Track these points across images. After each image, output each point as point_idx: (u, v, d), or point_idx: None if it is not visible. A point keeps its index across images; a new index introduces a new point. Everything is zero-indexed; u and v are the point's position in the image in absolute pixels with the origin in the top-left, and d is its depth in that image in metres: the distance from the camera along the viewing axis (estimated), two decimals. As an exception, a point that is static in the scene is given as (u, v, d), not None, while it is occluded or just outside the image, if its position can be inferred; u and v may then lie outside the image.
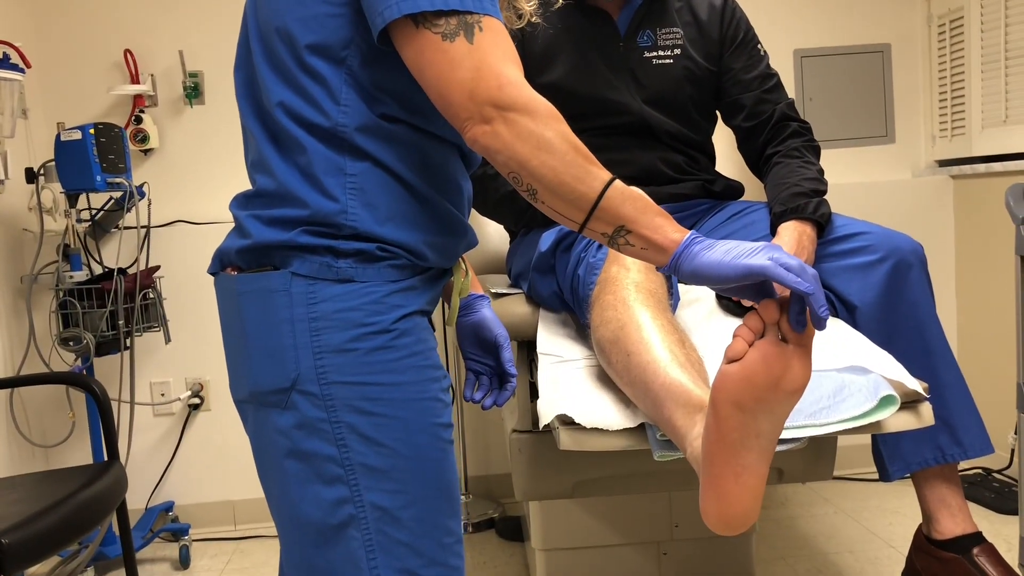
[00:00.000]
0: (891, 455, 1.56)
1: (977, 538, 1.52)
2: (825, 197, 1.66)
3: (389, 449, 1.00)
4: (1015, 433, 1.97)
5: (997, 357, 2.71)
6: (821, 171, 1.72)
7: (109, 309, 2.41)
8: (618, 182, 0.95)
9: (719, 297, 1.56)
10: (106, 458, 1.99)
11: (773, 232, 1.60)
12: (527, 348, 1.64)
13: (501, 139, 0.94)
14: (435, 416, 1.04)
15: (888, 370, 1.28)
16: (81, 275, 2.49)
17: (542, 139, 0.94)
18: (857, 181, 2.94)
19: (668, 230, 0.95)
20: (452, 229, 1.09)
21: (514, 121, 0.94)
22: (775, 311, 0.93)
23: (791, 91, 2.91)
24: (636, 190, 0.97)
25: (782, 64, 2.90)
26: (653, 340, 1.22)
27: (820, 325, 0.91)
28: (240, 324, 1.04)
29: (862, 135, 2.98)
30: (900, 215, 2.86)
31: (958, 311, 2.96)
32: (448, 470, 1.05)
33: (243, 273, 1.04)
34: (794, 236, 1.55)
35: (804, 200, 1.59)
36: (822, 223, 1.59)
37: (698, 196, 1.81)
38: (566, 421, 1.25)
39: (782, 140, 1.78)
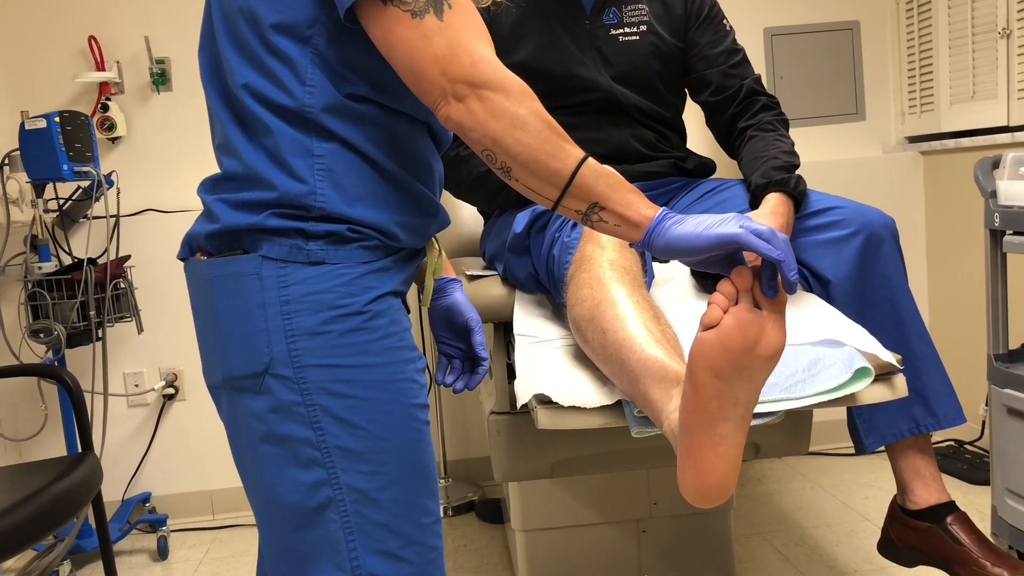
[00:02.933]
0: (867, 428, 1.57)
1: (950, 507, 1.54)
2: (797, 165, 1.67)
3: (364, 431, 1.01)
4: (986, 404, 2.00)
5: (968, 329, 2.75)
6: (793, 144, 1.73)
7: (79, 300, 2.38)
8: (591, 160, 0.95)
9: (694, 273, 1.56)
10: (80, 450, 1.97)
11: (754, 203, 1.61)
12: (503, 329, 1.64)
13: (475, 116, 0.94)
14: (410, 397, 1.04)
15: (862, 343, 1.29)
16: (50, 266, 2.46)
17: (516, 116, 0.94)
18: (828, 158, 2.96)
19: (641, 206, 0.96)
20: (423, 209, 1.08)
21: (487, 98, 0.94)
22: (748, 278, 0.94)
23: (761, 69, 2.93)
24: (608, 168, 0.97)
25: (752, 42, 2.91)
26: (628, 317, 1.23)
27: (791, 290, 0.92)
28: (211, 310, 1.03)
29: (833, 112, 2.99)
30: (871, 191, 2.88)
31: (929, 284, 2.99)
32: (424, 451, 1.05)
33: (213, 258, 1.03)
34: (780, 208, 1.56)
35: (785, 174, 1.60)
36: (799, 199, 1.60)
37: (670, 174, 1.81)
38: (544, 400, 1.25)
39: (754, 114, 1.79)
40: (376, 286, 1.03)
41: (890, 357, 1.26)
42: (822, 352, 1.21)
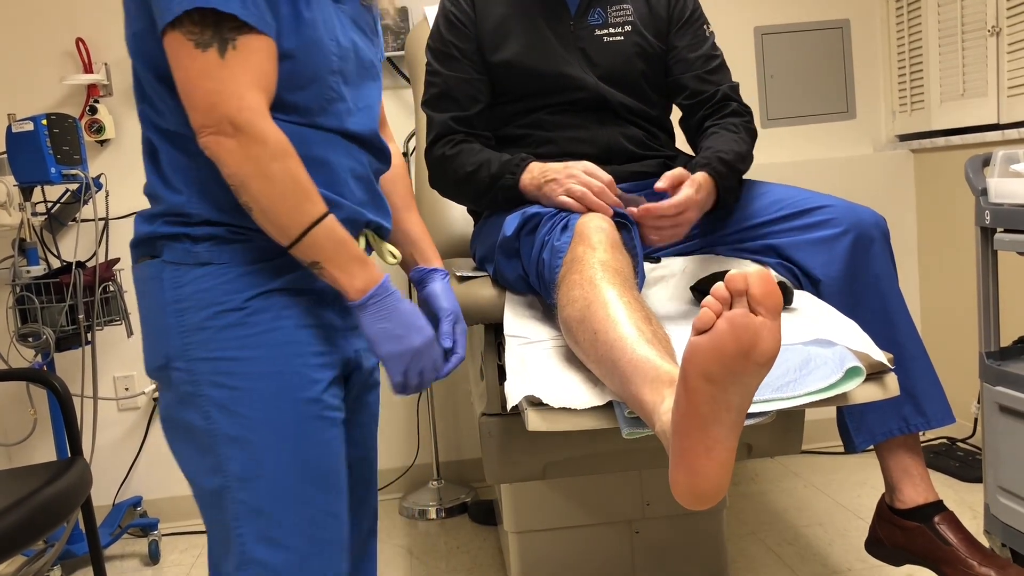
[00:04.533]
0: (857, 427, 1.57)
1: (938, 506, 1.54)
2: (744, 171, 1.68)
3: (247, 419, 1.09)
4: (978, 402, 2.00)
5: (960, 327, 2.75)
6: (750, 155, 1.71)
7: (68, 303, 2.36)
8: (328, 222, 1.07)
9: (692, 289, 1.56)
10: (69, 455, 1.96)
11: (689, 171, 1.59)
12: (494, 331, 1.63)
13: (231, 156, 1.04)
14: (299, 390, 1.11)
15: (853, 342, 1.28)
16: (38, 269, 2.44)
17: (265, 169, 1.04)
18: (819, 157, 2.96)
19: (357, 280, 1.10)
20: None
21: (245, 144, 1.04)
22: (742, 282, 0.93)
23: (751, 68, 2.93)
24: (343, 233, 1.09)
25: (743, 41, 2.91)
26: (620, 317, 1.22)
27: None
28: (139, 311, 1.17)
29: (823, 111, 2.99)
30: (862, 190, 2.89)
31: (921, 282, 3.00)
32: (314, 444, 1.12)
33: (135, 265, 1.17)
34: (705, 193, 1.55)
35: (724, 167, 1.60)
36: (721, 199, 1.60)
37: (659, 174, 1.80)
38: (534, 402, 1.24)
39: (722, 116, 1.78)
40: (259, 284, 1.11)
41: (881, 356, 1.26)
42: (813, 352, 1.21)
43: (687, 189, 1.52)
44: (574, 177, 1.53)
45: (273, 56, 1.08)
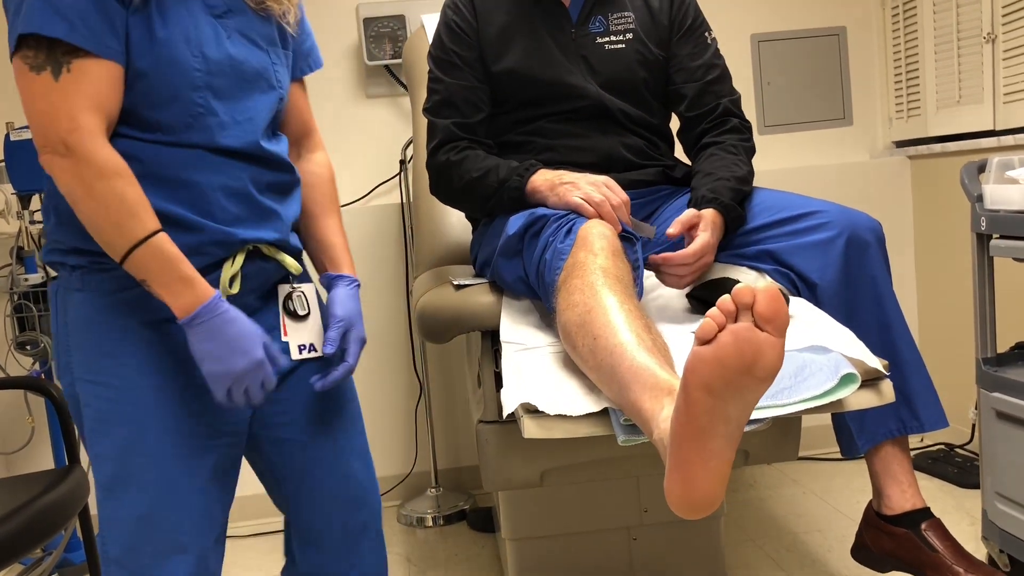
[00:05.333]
0: (859, 429, 1.57)
1: (925, 513, 1.54)
2: (749, 192, 1.69)
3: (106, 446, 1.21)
4: (975, 408, 2.00)
5: (957, 333, 2.75)
6: (751, 174, 1.72)
7: (66, 311, 2.36)
8: (155, 241, 1.11)
9: (689, 296, 1.57)
10: (67, 463, 1.96)
11: (694, 206, 1.61)
12: (491, 338, 1.63)
13: (63, 175, 1.11)
14: (154, 425, 1.20)
15: (849, 348, 1.28)
16: (36, 277, 2.44)
17: (93, 188, 1.10)
18: (816, 164, 2.96)
19: (184, 298, 1.13)
20: (173, 228, 1.16)
21: (76, 164, 1.09)
22: (750, 295, 0.93)
23: (748, 75, 2.93)
24: (172, 253, 1.12)
25: (740, 49, 2.92)
26: (620, 324, 1.22)
27: None
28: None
29: (820, 118, 3.00)
30: (859, 196, 2.88)
31: (918, 289, 3.00)
32: (143, 464, 1.20)
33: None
34: (716, 227, 1.57)
35: (730, 199, 1.61)
36: (730, 228, 1.61)
37: (659, 182, 1.81)
38: (530, 409, 1.25)
39: (721, 133, 1.78)
40: (124, 314, 1.19)
41: (876, 363, 1.26)
42: (808, 358, 1.21)
43: (703, 234, 1.54)
44: (595, 185, 1.54)
45: (113, 77, 1.13)
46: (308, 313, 1.33)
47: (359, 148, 2.81)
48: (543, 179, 1.61)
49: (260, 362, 1.17)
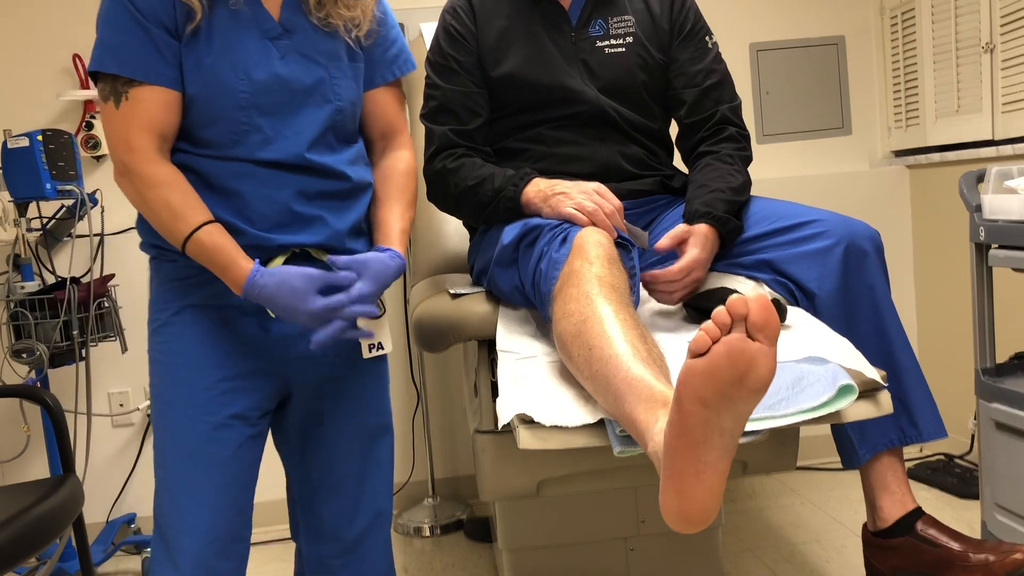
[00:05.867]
0: (860, 438, 1.56)
1: (917, 513, 1.52)
2: (746, 201, 1.68)
3: (158, 402, 1.40)
4: (975, 419, 1.99)
5: (956, 343, 2.74)
6: (747, 184, 1.71)
7: (62, 319, 2.35)
8: (201, 233, 1.28)
9: (686, 305, 1.56)
10: (62, 472, 1.95)
11: (688, 220, 1.60)
12: (488, 347, 1.62)
13: (126, 189, 1.32)
14: (191, 397, 1.37)
15: (847, 359, 1.28)
16: (33, 285, 2.44)
17: (146, 198, 1.30)
18: (815, 173, 2.96)
19: (230, 279, 1.30)
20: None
21: (132, 180, 1.30)
22: (744, 307, 0.93)
23: (747, 84, 2.93)
24: (217, 241, 1.29)
25: (738, 57, 2.92)
26: (615, 334, 1.22)
27: None
28: None
29: (819, 127, 3.00)
30: (858, 205, 2.88)
31: (917, 298, 2.99)
32: (199, 442, 1.35)
33: None
34: (709, 246, 1.56)
35: (724, 212, 1.60)
36: (727, 241, 1.61)
37: (657, 192, 1.81)
38: (525, 420, 1.24)
39: (718, 141, 1.77)
40: (178, 298, 1.38)
41: (875, 374, 1.26)
42: (806, 369, 1.20)
43: (693, 250, 1.53)
44: (587, 193, 1.54)
45: (166, 101, 1.30)
46: (383, 313, 1.42)
47: None
48: (536, 190, 1.60)
49: (316, 313, 1.29)
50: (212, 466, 1.35)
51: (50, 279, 2.57)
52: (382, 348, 1.42)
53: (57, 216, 2.56)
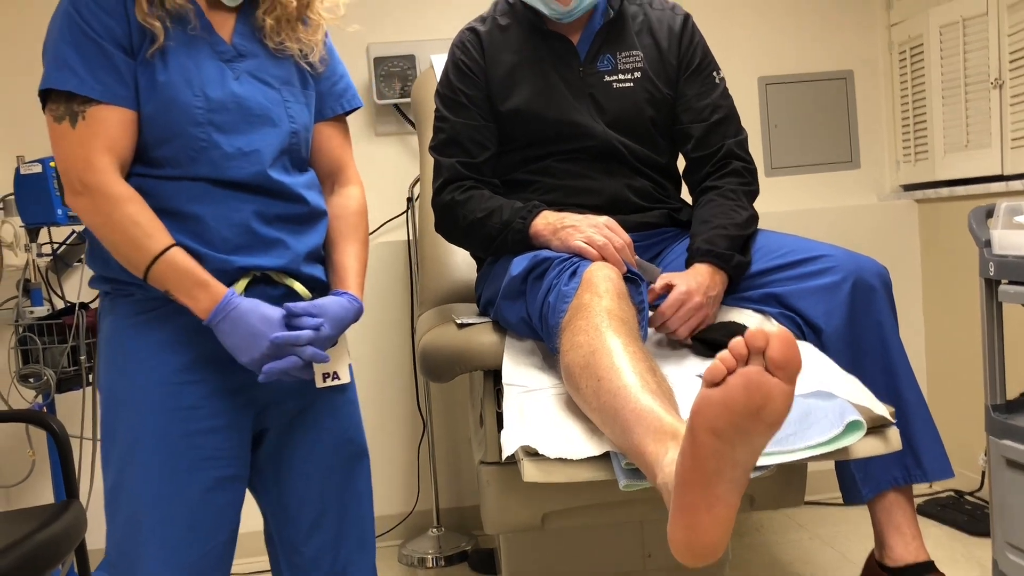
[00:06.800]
0: (863, 476, 1.55)
1: (929, 567, 1.50)
2: (752, 235, 1.68)
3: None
4: (985, 455, 1.97)
5: (966, 379, 2.72)
6: (752, 218, 1.71)
7: (70, 344, 2.36)
8: (169, 255, 1.24)
9: (694, 340, 1.55)
10: (66, 497, 1.94)
11: (689, 262, 1.61)
12: (493, 377, 1.62)
13: (85, 210, 1.26)
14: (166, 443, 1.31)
15: (855, 395, 1.27)
16: (42, 310, 2.44)
17: (111, 216, 1.24)
18: (823, 206, 2.96)
19: (201, 302, 1.25)
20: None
21: (93, 199, 1.24)
22: (763, 340, 0.92)
23: (755, 117, 2.94)
24: (186, 264, 1.25)
25: (746, 90, 2.93)
26: (624, 366, 1.21)
27: None
28: None
29: (827, 160, 3.00)
30: (867, 239, 2.87)
31: (926, 333, 2.98)
32: (138, 457, 1.30)
33: None
34: (705, 280, 1.56)
35: (726, 249, 1.60)
36: (733, 276, 1.61)
37: (664, 225, 1.81)
38: (530, 452, 1.23)
39: (722, 176, 1.77)
40: (144, 333, 1.31)
41: (883, 410, 1.25)
42: (813, 404, 1.19)
43: (679, 285, 1.54)
44: (597, 227, 1.54)
45: (123, 121, 1.27)
46: (335, 343, 1.37)
47: (367, 185, 2.69)
48: (545, 223, 1.61)
49: (273, 346, 1.26)
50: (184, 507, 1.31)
51: (59, 304, 2.58)
52: (337, 378, 1.37)
53: (67, 242, 2.58)
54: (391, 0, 2.81)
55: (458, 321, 1.70)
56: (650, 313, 1.55)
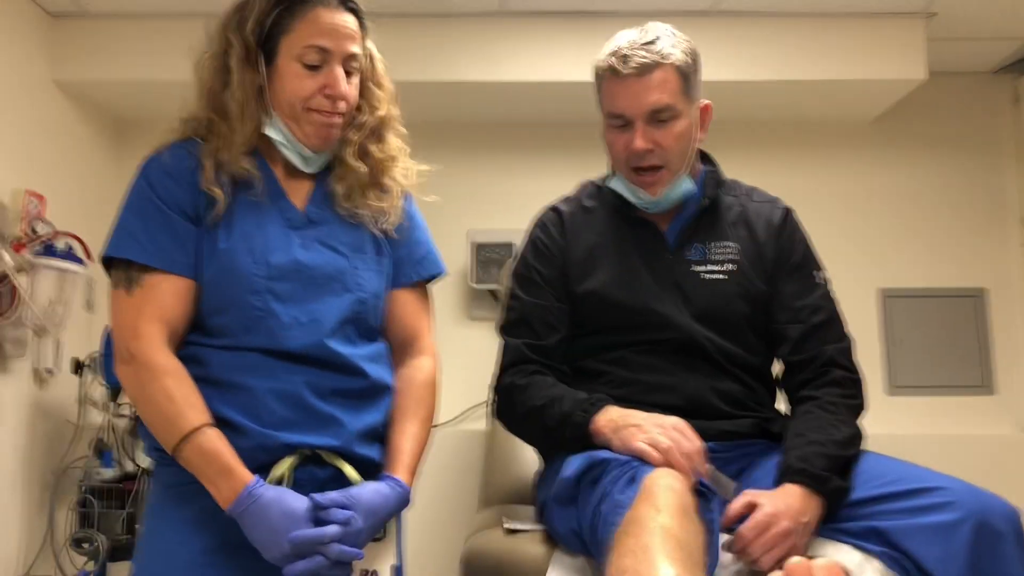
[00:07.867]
0: None
1: None
2: (854, 456, 1.47)
3: None
4: None
5: None
6: (856, 436, 1.51)
7: (127, 511, 2.28)
8: (199, 435, 1.20)
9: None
10: None
11: (779, 480, 1.40)
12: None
13: (126, 379, 1.26)
14: None
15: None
16: (110, 472, 2.40)
17: (146, 389, 1.23)
18: (949, 432, 2.67)
19: (223, 491, 1.19)
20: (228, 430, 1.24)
21: (135, 369, 1.23)
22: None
23: (874, 330, 2.74)
24: (215, 446, 1.20)
25: (864, 302, 2.76)
26: None
27: None
28: None
29: (957, 383, 2.74)
30: (997, 476, 2.52)
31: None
32: None
33: None
34: (795, 503, 1.36)
35: (824, 470, 1.40)
36: (830, 502, 1.39)
37: (753, 435, 1.60)
38: None
39: (821, 385, 1.58)
40: (175, 505, 1.27)
41: None
42: None
43: (764, 505, 1.35)
44: (663, 428, 1.37)
45: (179, 290, 1.27)
46: (382, 536, 1.29)
47: (457, 370, 2.71)
48: (607, 419, 1.44)
49: (295, 545, 1.16)
50: None
51: (130, 468, 2.53)
52: None
53: (147, 405, 2.56)
54: (496, 189, 2.83)
55: (507, 525, 1.52)
56: (725, 537, 1.33)
